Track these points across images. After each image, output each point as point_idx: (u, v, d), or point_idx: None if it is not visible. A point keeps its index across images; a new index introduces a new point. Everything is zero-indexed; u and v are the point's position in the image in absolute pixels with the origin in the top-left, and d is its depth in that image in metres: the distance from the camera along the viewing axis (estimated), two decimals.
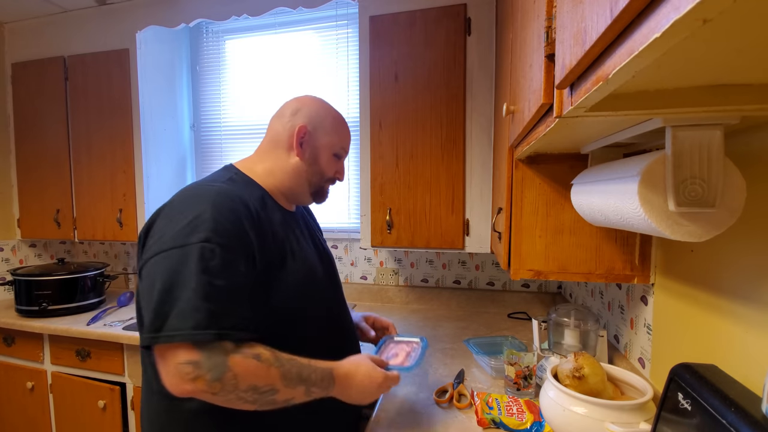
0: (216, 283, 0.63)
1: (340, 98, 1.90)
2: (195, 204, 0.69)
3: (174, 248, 0.64)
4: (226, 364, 0.61)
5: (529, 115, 0.62)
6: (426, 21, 1.45)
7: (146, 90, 1.84)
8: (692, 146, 0.46)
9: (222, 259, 0.65)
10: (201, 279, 0.62)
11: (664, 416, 0.58)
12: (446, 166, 1.47)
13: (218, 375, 0.60)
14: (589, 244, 0.93)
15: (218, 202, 0.69)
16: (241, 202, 0.73)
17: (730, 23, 0.24)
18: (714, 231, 0.48)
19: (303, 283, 0.80)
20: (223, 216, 0.68)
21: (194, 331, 0.59)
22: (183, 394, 0.61)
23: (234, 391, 0.62)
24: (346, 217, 1.94)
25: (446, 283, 1.87)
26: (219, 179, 0.80)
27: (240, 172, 0.84)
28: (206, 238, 0.65)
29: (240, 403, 0.64)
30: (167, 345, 0.60)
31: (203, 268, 0.63)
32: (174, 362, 0.60)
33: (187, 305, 0.60)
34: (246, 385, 0.62)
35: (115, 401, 1.59)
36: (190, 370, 0.59)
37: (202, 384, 0.60)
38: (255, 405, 0.65)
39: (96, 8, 1.87)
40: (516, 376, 0.97)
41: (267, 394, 0.65)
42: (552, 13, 0.47)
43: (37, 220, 2.03)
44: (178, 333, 0.59)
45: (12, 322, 1.71)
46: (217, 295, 0.62)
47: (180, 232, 0.65)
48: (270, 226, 0.77)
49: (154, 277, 0.64)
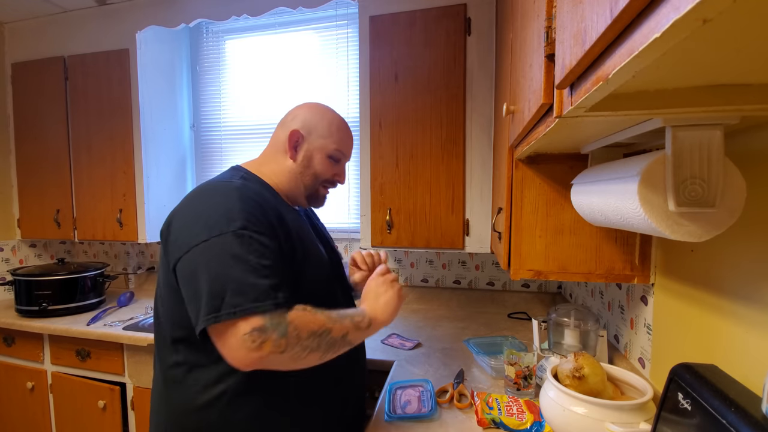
0: (263, 262, 0.68)
1: (340, 98, 1.90)
2: (221, 198, 0.73)
3: (213, 237, 0.67)
4: (286, 319, 0.66)
5: (529, 115, 0.62)
6: (426, 21, 1.45)
7: (146, 90, 1.84)
8: (692, 146, 0.46)
9: (260, 243, 0.69)
10: (249, 259, 0.66)
11: (664, 416, 0.58)
12: (446, 166, 1.47)
13: (283, 331, 0.64)
14: (589, 244, 0.93)
15: (244, 196, 0.73)
16: (262, 196, 0.77)
17: (730, 23, 0.24)
18: (714, 231, 0.48)
19: (315, 282, 0.83)
20: (252, 207, 0.72)
21: (255, 303, 0.64)
22: (251, 365, 0.64)
23: (298, 342, 0.66)
24: (346, 217, 1.94)
25: (446, 283, 1.87)
26: (232, 178, 0.82)
27: (249, 173, 0.87)
28: (243, 225, 0.69)
29: (306, 353, 0.68)
30: (225, 323, 0.63)
31: (247, 251, 0.67)
32: (237, 336, 0.63)
33: (242, 284, 0.64)
34: (306, 333, 0.67)
35: (115, 401, 1.59)
36: (255, 337, 0.62)
37: (270, 345, 0.63)
38: (319, 351, 0.70)
39: (96, 8, 1.87)
40: (516, 376, 0.97)
41: (324, 335, 0.70)
42: (552, 13, 0.47)
43: (37, 220, 2.03)
44: (239, 308, 0.63)
45: (12, 322, 1.71)
46: (265, 272, 0.67)
47: (215, 223, 0.69)
48: (287, 222, 0.80)
49: (196, 267, 0.67)
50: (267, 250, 0.69)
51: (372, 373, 1.19)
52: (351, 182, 1.92)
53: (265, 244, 0.70)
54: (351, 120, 1.87)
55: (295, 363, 0.68)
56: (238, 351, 0.63)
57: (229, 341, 0.63)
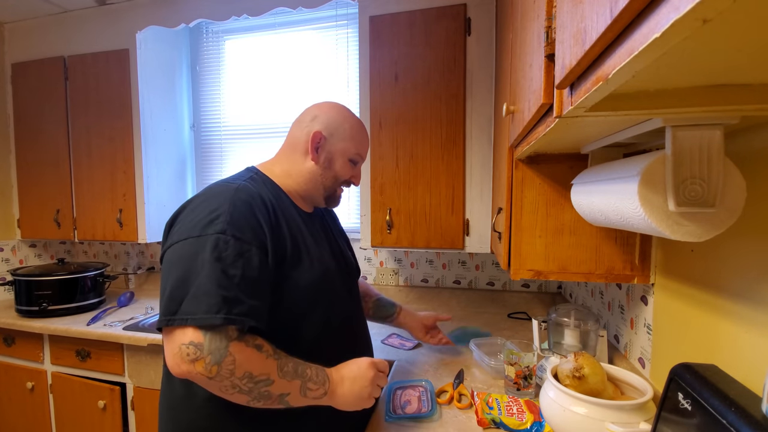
0: (229, 272, 0.66)
1: (340, 98, 1.90)
2: (214, 199, 0.73)
3: (191, 238, 0.68)
4: (226, 348, 0.63)
5: (529, 115, 0.62)
6: (426, 21, 1.45)
7: (146, 90, 1.84)
8: (692, 146, 0.46)
9: (236, 250, 0.68)
10: (215, 267, 0.65)
11: (664, 416, 0.58)
12: (446, 166, 1.47)
13: (218, 359, 0.63)
14: (589, 244, 0.93)
15: (236, 198, 0.73)
16: (259, 197, 0.77)
17: (730, 23, 0.24)
18: (714, 231, 0.48)
19: (315, 285, 0.80)
20: (239, 210, 0.72)
21: (205, 315, 0.63)
22: (181, 375, 0.64)
23: (230, 377, 0.64)
24: (346, 217, 1.94)
25: (446, 283, 1.87)
26: (240, 178, 0.83)
27: (260, 172, 0.88)
28: (222, 229, 0.68)
29: (233, 391, 0.65)
30: (177, 327, 0.63)
31: (217, 257, 0.66)
32: (178, 343, 0.63)
33: (200, 290, 0.64)
34: (242, 372, 0.65)
35: (115, 401, 1.59)
36: (191, 351, 0.62)
37: (201, 366, 0.62)
38: (249, 396, 0.66)
39: (96, 8, 1.87)
40: (516, 376, 0.97)
41: (261, 384, 0.66)
42: (552, 13, 0.47)
43: (37, 220, 2.03)
44: (190, 316, 0.63)
45: (12, 322, 1.71)
46: (229, 282, 0.65)
47: (198, 223, 0.69)
48: (285, 223, 0.79)
49: (171, 264, 0.68)
50: (240, 259, 0.68)
51: None
52: None
53: (241, 252, 0.68)
54: None
55: (219, 394, 0.66)
56: (174, 357, 0.63)
57: (170, 344, 0.64)
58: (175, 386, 0.78)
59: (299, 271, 0.78)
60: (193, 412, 0.75)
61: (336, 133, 0.88)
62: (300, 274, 0.78)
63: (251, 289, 0.68)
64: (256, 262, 0.70)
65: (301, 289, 0.77)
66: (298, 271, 0.78)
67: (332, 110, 0.90)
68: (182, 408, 0.76)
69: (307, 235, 0.84)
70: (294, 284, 0.76)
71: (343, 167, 0.90)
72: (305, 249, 0.81)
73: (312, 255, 0.82)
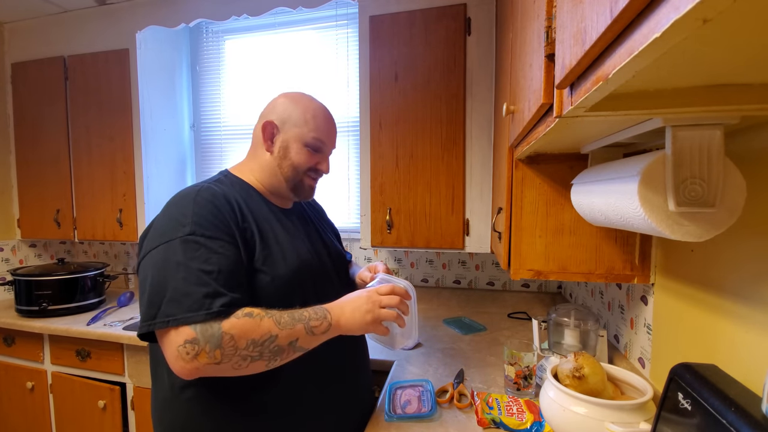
0: (204, 268, 0.67)
1: (340, 98, 1.90)
2: (178, 205, 0.74)
3: (161, 244, 0.69)
4: (220, 330, 0.64)
5: (529, 115, 0.62)
6: (426, 21, 1.45)
7: (146, 90, 1.84)
8: (692, 146, 0.46)
9: (207, 248, 0.69)
10: (189, 267, 0.66)
11: (664, 416, 0.58)
12: (446, 166, 1.47)
13: (216, 342, 0.63)
14: (589, 244, 0.93)
15: (198, 198, 0.74)
16: (223, 197, 0.77)
17: (730, 23, 0.24)
18: (714, 231, 0.48)
19: (287, 280, 0.79)
20: (204, 210, 0.72)
21: (187, 314, 0.63)
22: (191, 375, 0.64)
23: (236, 352, 0.64)
24: (346, 217, 1.94)
25: (446, 283, 1.87)
26: (206, 182, 0.83)
27: (230, 174, 0.88)
28: (190, 231, 0.69)
29: (247, 363, 0.66)
30: (166, 332, 0.64)
31: (190, 257, 0.67)
32: (175, 346, 0.63)
33: (178, 292, 0.64)
34: (245, 342, 0.65)
35: (115, 401, 1.59)
36: (189, 349, 0.62)
37: (204, 357, 0.63)
38: (263, 359, 0.67)
39: (96, 8, 1.87)
40: (516, 376, 0.97)
41: (268, 343, 0.67)
42: (552, 13, 0.47)
43: (37, 220, 2.03)
44: (171, 318, 0.63)
45: (12, 322, 1.71)
46: (206, 279, 0.66)
47: (166, 230, 0.70)
48: (253, 220, 0.79)
49: (146, 273, 0.69)
50: (214, 255, 0.68)
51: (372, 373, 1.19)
52: (351, 182, 1.92)
53: (213, 249, 0.69)
54: (351, 120, 1.88)
55: (238, 371, 0.67)
56: (176, 362, 0.63)
57: (167, 351, 0.64)
58: (159, 388, 0.79)
59: (270, 266, 0.77)
60: (175, 411, 0.76)
61: (289, 120, 0.86)
62: (271, 269, 0.77)
63: (231, 282, 0.69)
64: (232, 256, 0.71)
65: (274, 285, 0.77)
66: (268, 266, 0.77)
67: (286, 99, 0.88)
68: (166, 409, 0.78)
69: (279, 230, 0.83)
70: (266, 279, 0.76)
71: (299, 154, 0.86)
72: (276, 244, 0.80)
73: (284, 250, 0.81)
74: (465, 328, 1.52)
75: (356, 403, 0.92)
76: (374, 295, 0.78)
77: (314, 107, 0.89)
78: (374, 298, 0.77)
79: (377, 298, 0.77)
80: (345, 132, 1.90)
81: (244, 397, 0.75)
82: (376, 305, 0.76)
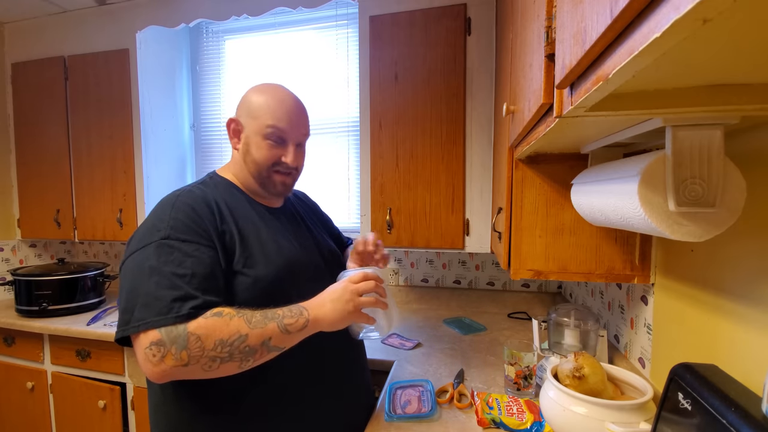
0: (177, 272, 0.67)
1: (340, 98, 1.90)
2: (159, 210, 0.75)
3: (139, 249, 0.70)
4: (185, 331, 0.63)
5: (529, 115, 0.62)
6: (426, 21, 1.45)
7: (146, 90, 1.84)
8: (692, 146, 0.46)
9: (181, 252, 0.69)
10: (161, 271, 0.66)
11: (664, 416, 0.58)
12: (446, 166, 1.47)
13: (182, 344, 0.62)
14: (589, 244, 0.93)
15: (177, 203, 0.75)
16: (203, 200, 0.77)
17: (730, 23, 0.24)
18: (714, 231, 0.48)
19: (272, 279, 0.77)
20: (181, 214, 0.73)
21: (157, 317, 0.63)
22: (161, 378, 0.64)
23: (203, 353, 0.63)
24: (346, 217, 1.94)
25: (446, 283, 1.87)
26: (191, 184, 0.83)
27: (215, 176, 0.88)
28: (165, 235, 0.70)
29: (218, 364, 0.65)
30: (137, 337, 0.64)
31: (164, 261, 0.67)
32: (142, 349, 0.63)
33: (150, 296, 0.65)
34: (212, 342, 0.64)
35: (115, 401, 1.59)
36: (155, 351, 0.62)
37: (171, 360, 0.62)
38: (234, 360, 0.66)
39: (96, 8, 1.87)
40: (516, 376, 0.97)
41: (237, 342, 0.65)
42: (552, 13, 0.47)
43: (37, 220, 2.03)
44: (142, 322, 0.63)
45: (12, 322, 1.71)
46: (178, 282, 0.66)
47: (143, 236, 0.71)
48: (234, 221, 0.78)
49: (123, 278, 0.70)
50: (188, 258, 0.68)
51: (372, 373, 1.19)
52: (351, 182, 1.92)
53: (187, 252, 0.69)
54: (351, 120, 1.88)
55: (209, 374, 0.65)
56: (144, 365, 0.63)
57: (138, 355, 0.65)
58: (151, 393, 0.80)
59: (251, 268, 0.76)
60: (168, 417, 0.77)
61: (249, 113, 0.82)
62: (252, 270, 0.76)
63: (206, 285, 0.68)
64: (207, 260, 0.70)
65: (257, 286, 0.75)
66: (249, 268, 0.76)
67: (250, 92, 0.85)
68: (160, 413, 0.78)
69: (263, 230, 0.81)
70: (248, 281, 0.75)
71: (259, 149, 0.81)
72: (258, 245, 0.78)
73: (267, 251, 0.79)
74: (465, 328, 1.52)
75: (356, 404, 0.92)
76: (349, 284, 0.75)
77: (276, 95, 0.82)
78: (350, 287, 0.75)
79: (353, 286, 0.75)
80: (345, 132, 1.90)
81: (241, 399, 0.74)
82: (354, 294, 0.74)
